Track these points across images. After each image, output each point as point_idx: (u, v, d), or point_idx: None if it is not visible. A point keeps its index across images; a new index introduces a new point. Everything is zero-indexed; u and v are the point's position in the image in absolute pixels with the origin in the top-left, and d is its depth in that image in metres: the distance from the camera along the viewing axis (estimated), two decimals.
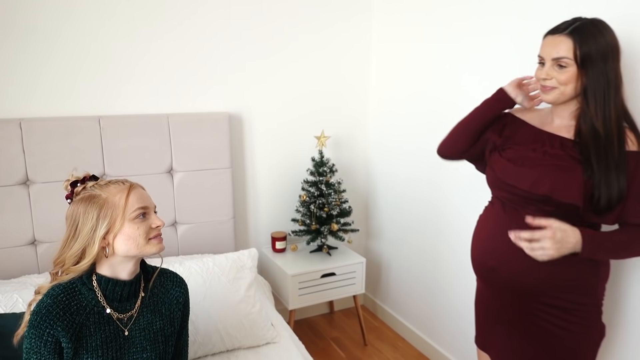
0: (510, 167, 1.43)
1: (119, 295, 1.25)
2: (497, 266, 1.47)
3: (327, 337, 2.79)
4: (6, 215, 2.05)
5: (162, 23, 2.27)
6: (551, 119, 1.45)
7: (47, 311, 1.17)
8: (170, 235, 2.38)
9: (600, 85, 1.29)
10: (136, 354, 1.27)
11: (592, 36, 1.28)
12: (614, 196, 1.29)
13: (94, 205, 1.18)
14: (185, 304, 1.38)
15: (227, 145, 2.44)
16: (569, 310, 1.40)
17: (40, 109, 2.11)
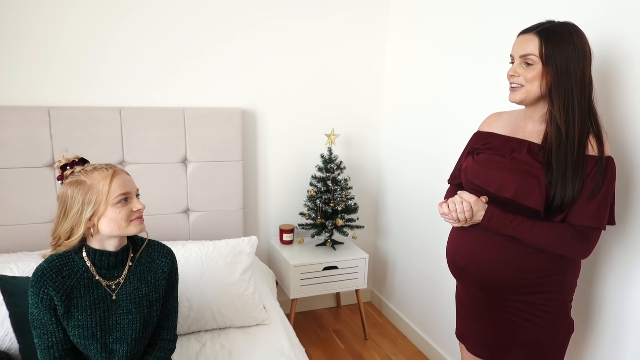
0: (480, 170, 1.49)
1: (106, 264, 1.40)
2: (466, 265, 1.53)
3: (329, 329, 2.88)
4: (34, 194, 2.26)
5: (180, 22, 2.44)
6: (524, 122, 1.48)
7: (42, 273, 1.34)
8: (182, 221, 2.54)
9: (563, 85, 1.33)
10: (122, 316, 1.41)
11: (559, 36, 1.32)
12: (567, 197, 1.33)
13: (80, 191, 1.31)
14: (170, 273, 1.51)
15: (239, 139, 2.58)
16: (535, 306, 1.44)
17: (67, 98, 2.32)
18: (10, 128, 2.17)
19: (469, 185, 1.53)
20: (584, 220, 1.34)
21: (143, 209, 1.39)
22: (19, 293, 1.61)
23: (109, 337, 1.39)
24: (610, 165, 1.35)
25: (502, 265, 1.43)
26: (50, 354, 1.35)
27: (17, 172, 2.22)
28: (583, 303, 1.71)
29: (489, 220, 1.41)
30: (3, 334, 1.68)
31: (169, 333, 1.52)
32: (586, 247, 1.37)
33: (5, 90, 2.22)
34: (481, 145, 1.57)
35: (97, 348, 1.38)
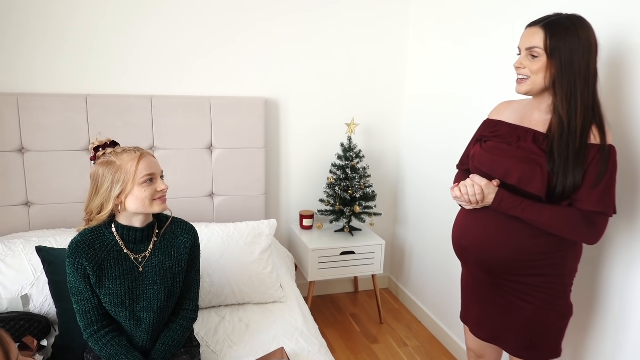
0: (486, 157, 1.55)
1: (133, 238, 1.53)
2: (468, 245, 1.59)
3: (346, 313, 2.99)
4: (71, 175, 2.43)
5: (206, 14, 2.56)
6: (531, 111, 1.53)
7: (76, 245, 1.48)
8: (207, 204, 2.68)
9: (567, 77, 1.37)
10: (148, 286, 1.55)
11: (564, 29, 1.37)
12: (569, 185, 1.38)
13: (110, 170, 1.45)
14: (192, 248, 1.64)
15: (262, 127, 2.69)
16: (535, 287, 1.50)
17: (102, 87, 2.48)
18: (52, 114, 2.34)
19: (476, 172, 1.59)
20: (590, 205, 1.38)
21: (166, 189, 1.51)
22: (57, 262, 1.77)
23: (137, 306, 1.53)
24: (612, 154, 1.39)
25: (504, 246, 1.49)
26: (87, 318, 1.50)
27: (56, 154, 2.39)
28: (588, 290, 1.76)
29: (500, 202, 1.46)
30: (42, 300, 1.85)
31: (190, 303, 1.65)
32: (594, 232, 1.41)
33: (48, 80, 2.40)
34: (489, 133, 1.62)
35: (126, 315, 1.52)
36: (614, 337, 1.67)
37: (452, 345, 2.60)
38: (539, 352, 1.55)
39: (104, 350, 1.49)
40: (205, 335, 1.88)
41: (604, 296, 1.71)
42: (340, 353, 2.57)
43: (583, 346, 1.80)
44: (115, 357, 1.48)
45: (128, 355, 1.49)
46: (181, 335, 1.60)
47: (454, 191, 1.55)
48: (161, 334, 1.59)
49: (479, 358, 1.80)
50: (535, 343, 1.55)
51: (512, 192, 1.48)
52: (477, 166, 1.58)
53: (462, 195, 1.51)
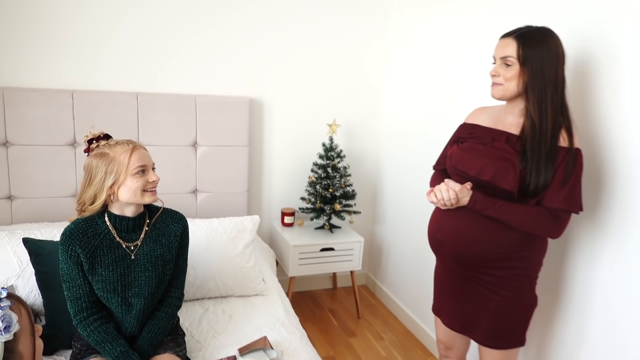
0: (463, 156, 1.66)
1: (125, 227, 1.59)
2: (444, 239, 1.70)
3: (325, 308, 3.07)
4: (55, 171, 2.46)
5: (196, 15, 2.62)
6: (505, 116, 1.65)
7: (70, 233, 1.53)
8: (191, 201, 2.73)
9: (538, 84, 1.49)
10: (140, 273, 1.60)
11: (535, 40, 1.48)
12: (541, 183, 1.50)
13: (103, 162, 1.50)
14: (182, 236, 1.70)
15: (246, 125, 2.76)
16: (503, 279, 1.61)
17: (89, 83, 2.51)
18: (37, 109, 2.36)
19: (453, 170, 1.70)
20: (557, 203, 1.50)
21: (157, 181, 1.57)
22: (44, 254, 1.81)
23: (128, 292, 1.59)
24: (579, 156, 1.51)
25: (477, 240, 1.60)
26: (78, 305, 1.55)
27: (41, 149, 2.41)
28: (553, 282, 1.87)
29: (474, 203, 1.57)
30: (28, 291, 1.88)
31: (176, 291, 1.72)
32: (558, 228, 1.54)
33: (34, 75, 2.42)
34: (466, 135, 1.73)
35: (117, 301, 1.57)
36: (577, 327, 1.79)
37: (425, 338, 2.71)
38: (506, 342, 1.66)
39: (92, 337, 1.54)
40: (189, 325, 1.94)
41: (568, 289, 1.83)
42: (319, 347, 2.65)
43: (548, 336, 1.92)
44: (102, 343, 1.53)
45: (114, 342, 1.54)
46: (167, 323, 1.66)
47: (431, 197, 1.64)
48: (147, 322, 1.64)
49: (448, 349, 1.89)
50: (502, 333, 1.65)
51: (487, 189, 1.58)
52: (454, 165, 1.68)
53: (439, 200, 1.61)
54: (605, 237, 1.67)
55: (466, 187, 1.59)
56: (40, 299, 1.83)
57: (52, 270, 1.78)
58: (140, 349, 1.58)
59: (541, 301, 1.84)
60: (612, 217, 1.65)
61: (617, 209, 1.63)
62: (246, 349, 1.71)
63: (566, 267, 1.83)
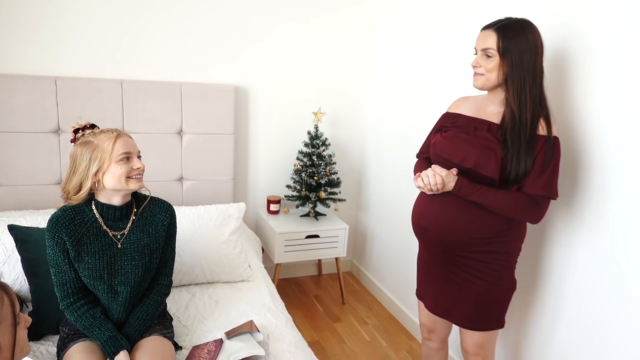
0: (446, 144, 1.70)
1: (112, 216, 1.60)
2: (427, 225, 1.74)
3: (310, 294, 3.12)
4: (39, 158, 2.44)
5: (181, 5, 2.61)
6: (486, 105, 1.69)
7: (57, 220, 1.54)
8: (176, 189, 2.74)
9: (517, 75, 1.53)
10: (126, 262, 1.62)
11: (514, 32, 1.52)
12: (521, 171, 1.55)
13: (87, 149, 1.51)
14: (169, 225, 1.71)
15: (232, 113, 2.76)
16: (484, 263, 1.66)
17: (73, 70, 2.49)
18: (20, 95, 2.34)
19: (437, 158, 1.74)
20: (537, 189, 1.56)
21: (142, 168, 1.58)
22: (30, 240, 1.81)
23: (114, 280, 1.60)
24: (556, 144, 1.57)
25: (459, 225, 1.65)
26: (65, 290, 1.56)
27: (24, 136, 2.39)
28: (531, 265, 1.94)
29: (459, 189, 1.61)
30: (14, 277, 1.89)
31: (165, 279, 1.73)
32: (538, 213, 1.60)
33: (16, 61, 2.39)
34: (449, 124, 1.77)
35: (104, 289, 1.59)
36: (554, 310, 1.86)
37: (408, 322, 2.77)
38: (485, 324, 1.72)
39: (79, 322, 1.56)
40: (176, 311, 1.96)
41: (546, 274, 1.89)
42: (304, 332, 2.69)
43: (526, 318, 1.99)
44: (90, 328, 1.55)
45: (102, 327, 1.56)
46: (155, 310, 1.68)
47: (418, 181, 1.67)
48: (135, 308, 1.66)
49: (431, 332, 1.95)
50: (482, 315, 1.71)
51: (470, 176, 1.62)
52: (438, 153, 1.72)
53: (425, 185, 1.64)
54: (580, 223, 1.74)
55: (452, 172, 1.63)
56: (27, 286, 1.84)
57: (38, 257, 1.78)
58: (127, 334, 1.60)
59: (520, 285, 1.90)
60: (587, 203, 1.70)
61: (592, 196, 1.69)
62: (233, 332, 1.74)
63: (544, 252, 1.90)
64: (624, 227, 1.58)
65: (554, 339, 1.86)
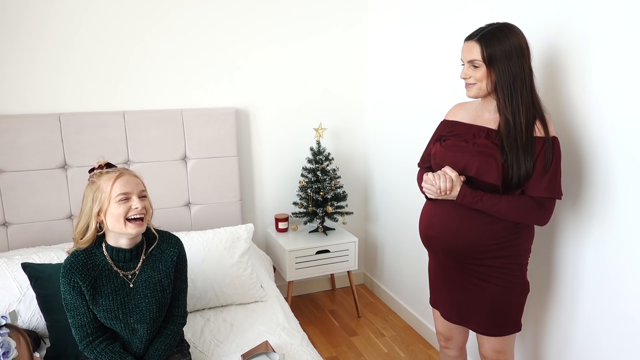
0: (447, 153, 1.70)
1: (122, 258, 1.62)
2: (435, 235, 1.74)
3: (325, 310, 3.11)
4: (48, 194, 2.48)
5: (177, 30, 2.66)
6: (482, 112, 1.70)
7: (71, 266, 1.57)
8: (184, 213, 2.76)
9: (506, 80, 1.54)
10: (140, 300, 1.63)
11: (496, 39, 1.53)
12: (522, 175, 1.55)
13: (91, 190, 1.56)
14: (179, 259, 1.73)
15: (234, 136, 2.80)
16: (495, 269, 1.66)
17: (75, 105, 2.54)
18: (26, 134, 2.39)
19: (438, 168, 1.73)
20: (540, 191, 1.56)
21: (141, 208, 1.56)
22: (44, 277, 1.84)
23: (130, 319, 1.62)
24: (556, 144, 1.57)
25: (466, 234, 1.64)
26: (83, 331, 1.58)
27: (33, 174, 2.44)
28: (544, 268, 1.93)
29: (463, 197, 1.61)
30: (30, 315, 1.91)
31: (179, 310, 1.75)
32: (545, 215, 1.60)
33: (20, 100, 2.44)
34: (447, 132, 1.78)
35: (121, 327, 1.61)
36: (569, 310, 1.85)
37: (426, 331, 2.76)
38: (502, 328, 1.71)
39: (99, 358, 1.57)
40: (192, 337, 1.97)
41: (558, 274, 1.88)
42: (321, 348, 2.69)
43: (543, 319, 1.97)
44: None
45: (123, 359, 1.57)
46: (173, 340, 1.70)
47: (427, 175, 1.65)
48: (154, 340, 1.68)
49: (448, 340, 1.94)
50: (498, 320, 1.70)
51: (473, 183, 1.63)
52: (439, 162, 1.73)
53: (435, 180, 1.62)
54: (589, 221, 1.73)
55: (460, 178, 1.62)
56: (43, 322, 1.86)
57: (53, 292, 1.80)
58: None
59: (534, 287, 1.89)
60: (594, 201, 1.70)
61: (598, 193, 1.68)
62: (249, 354, 1.74)
63: (555, 252, 1.89)
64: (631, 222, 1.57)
65: (573, 337, 1.84)
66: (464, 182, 1.63)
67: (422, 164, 1.94)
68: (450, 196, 1.63)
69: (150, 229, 1.68)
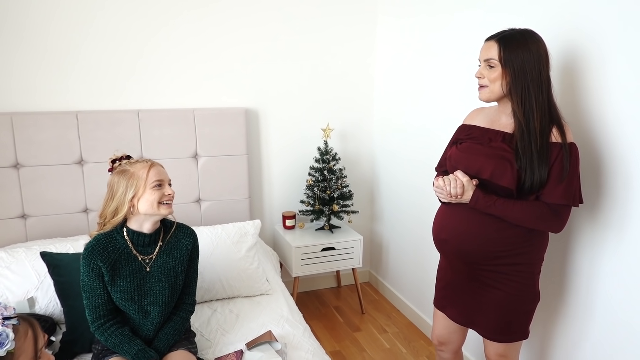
0: (463, 156, 1.71)
1: (142, 242, 1.73)
2: (447, 238, 1.75)
3: (330, 306, 3.19)
4: (65, 188, 2.59)
5: (191, 31, 2.76)
6: (499, 116, 1.70)
7: (92, 248, 1.67)
8: (195, 210, 2.86)
9: (520, 84, 1.55)
10: (155, 284, 1.73)
11: (516, 43, 1.55)
12: (536, 181, 1.54)
13: (124, 177, 1.66)
14: (193, 249, 1.84)
15: (243, 135, 2.89)
16: (506, 275, 1.65)
17: (92, 103, 2.65)
18: (45, 131, 2.50)
19: (453, 171, 1.72)
20: (556, 198, 1.53)
21: (173, 194, 1.72)
22: (62, 265, 1.94)
23: (144, 301, 1.72)
24: (573, 150, 1.54)
25: (479, 239, 1.65)
26: (96, 313, 1.68)
27: (51, 169, 2.55)
28: (557, 277, 1.91)
29: (476, 201, 1.61)
30: (47, 302, 2.01)
31: (189, 298, 1.85)
32: (559, 223, 1.57)
33: (39, 98, 2.56)
34: (464, 136, 1.79)
35: (135, 309, 1.71)
36: (580, 320, 1.83)
37: (427, 329, 2.82)
38: (509, 335, 1.70)
39: (110, 340, 1.67)
40: (199, 326, 2.06)
41: (572, 282, 1.86)
42: (325, 342, 2.76)
43: (552, 328, 1.96)
44: (120, 345, 1.66)
45: (131, 342, 1.67)
46: (181, 326, 1.79)
47: (438, 181, 1.67)
48: (163, 326, 1.77)
49: (443, 344, 1.93)
50: (506, 326, 1.68)
51: (487, 187, 1.63)
52: (454, 165, 1.73)
53: (445, 186, 1.64)
54: (605, 230, 1.71)
55: (473, 182, 1.63)
56: (60, 308, 1.96)
57: (70, 280, 1.90)
58: (157, 347, 1.71)
59: (546, 295, 1.90)
60: (612, 209, 1.68)
61: (617, 202, 1.66)
62: (253, 343, 1.83)
63: (569, 262, 1.86)
64: None
65: (582, 348, 1.83)
66: (477, 186, 1.62)
67: (439, 167, 1.93)
68: (463, 200, 1.63)
69: (167, 217, 1.78)
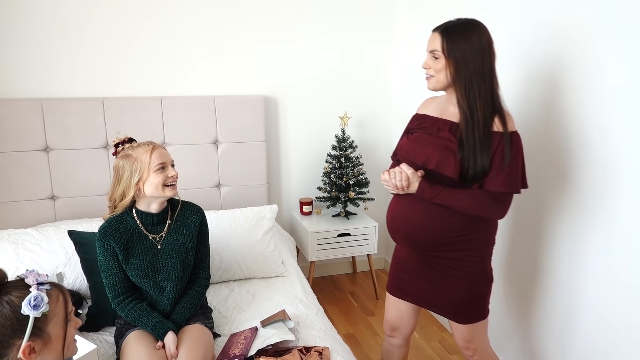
0: (412, 147, 1.73)
1: (151, 222, 1.81)
2: (398, 227, 1.76)
3: (345, 291, 3.25)
4: (92, 171, 2.70)
5: (213, 20, 2.83)
6: (447, 106, 1.71)
7: (105, 230, 1.76)
8: (215, 194, 2.95)
9: (463, 74, 1.56)
10: (166, 260, 1.82)
11: (458, 33, 1.56)
12: (479, 169, 1.56)
13: (128, 162, 1.72)
14: (201, 225, 1.92)
15: (262, 122, 2.95)
16: (456, 261, 1.68)
17: (117, 90, 2.75)
18: (73, 116, 2.61)
19: (404, 160, 1.76)
20: (497, 187, 1.56)
21: (176, 176, 1.78)
22: (87, 243, 2.05)
23: (158, 277, 1.81)
24: (515, 139, 1.57)
25: (427, 227, 1.67)
26: (115, 290, 1.78)
27: (78, 152, 2.66)
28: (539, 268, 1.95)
29: (422, 192, 1.64)
30: (74, 277, 2.13)
31: (203, 272, 1.93)
32: (501, 210, 1.61)
33: (68, 86, 2.67)
34: (415, 126, 1.80)
35: (150, 285, 1.80)
36: (566, 308, 1.88)
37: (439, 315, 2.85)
38: (467, 317, 1.73)
39: (129, 315, 1.77)
40: (217, 304, 2.15)
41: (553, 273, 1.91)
42: (339, 325, 2.83)
43: (536, 320, 2.02)
44: (139, 318, 1.76)
45: (149, 315, 1.76)
46: (197, 299, 1.88)
47: (384, 175, 1.70)
48: (180, 299, 1.86)
49: (394, 330, 1.93)
50: (465, 309, 1.72)
51: (434, 177, 1.65)
52: (404, 155, 1.76)
53: (390, 179, 1.67)
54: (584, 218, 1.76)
55: (417, 174, 1.65)
56: (86, 283, 2.07)
57: (95, 257, 1.99)
58: (174, 320, 1.80)
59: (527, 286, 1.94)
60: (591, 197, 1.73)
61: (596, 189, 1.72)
62: (267, 320, 1.90)
63: (550, 252, 1.92)
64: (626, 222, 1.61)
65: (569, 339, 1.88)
66: (423, 177, 1.65)
67: (394, 156, 1.94)
68: (410, 191, 1.65)
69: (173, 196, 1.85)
